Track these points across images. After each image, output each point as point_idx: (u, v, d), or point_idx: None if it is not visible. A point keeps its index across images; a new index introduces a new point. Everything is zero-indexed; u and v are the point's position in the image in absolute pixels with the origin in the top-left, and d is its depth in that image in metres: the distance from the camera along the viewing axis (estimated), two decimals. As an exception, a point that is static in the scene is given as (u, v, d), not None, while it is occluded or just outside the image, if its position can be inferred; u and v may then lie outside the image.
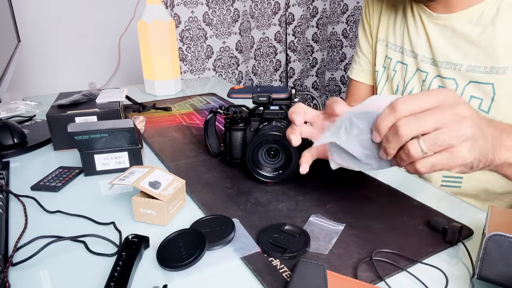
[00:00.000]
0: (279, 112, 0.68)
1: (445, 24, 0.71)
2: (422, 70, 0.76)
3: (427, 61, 0.75)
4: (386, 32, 0.85)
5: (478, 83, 0.68)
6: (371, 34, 0.90)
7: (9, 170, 0.73)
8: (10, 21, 1.09)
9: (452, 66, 0.71)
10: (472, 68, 0.68)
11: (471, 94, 0.69)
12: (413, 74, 0.79)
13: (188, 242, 0.49)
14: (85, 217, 0.58)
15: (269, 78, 2.12)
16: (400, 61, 0.81)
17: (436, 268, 0.46)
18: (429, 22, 0.74)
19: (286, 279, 0.45)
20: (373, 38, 0.89)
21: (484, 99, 0.68)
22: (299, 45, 2.15)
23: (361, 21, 0.93)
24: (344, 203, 0.60)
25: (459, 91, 0.70)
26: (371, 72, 0.92)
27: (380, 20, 0.86)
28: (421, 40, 0.76)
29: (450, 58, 0.71)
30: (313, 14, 2.19)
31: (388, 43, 0.84)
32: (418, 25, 0.77)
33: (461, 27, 0.69)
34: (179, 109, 1.07)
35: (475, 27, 0.67)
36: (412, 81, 0.79)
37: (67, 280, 0.46)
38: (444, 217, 0.56)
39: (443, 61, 0.72)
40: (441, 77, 0.73)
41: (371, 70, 0.92)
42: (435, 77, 0.75)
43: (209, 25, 1.78)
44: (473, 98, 0.69)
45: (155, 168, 0.60)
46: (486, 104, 0.67)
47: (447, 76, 0.72)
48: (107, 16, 1.56)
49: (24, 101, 1.06)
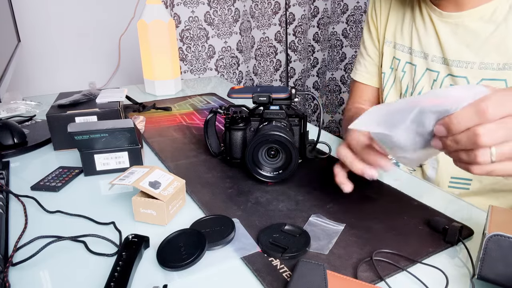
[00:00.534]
0: (279, 112, 0.68)
1: (456, 22, 0.71)
2: (432, 69, 0.77)
3: (438, 60, 0.75)
4: (393, 33, 0.85)
5: (490, 80, 0.68)
6: (378, 35, 0.90)
7: (9, 170, 0.73)
8: (10, 21, 1.09)
9: (464, 64, 0.71)
10: (484, 66, 0.69)
11: None
12: (422, 74, 0.79)
13: (188, 242, 0.49)
14: (85, 217, 0.58)
15: (269, 78, 2.12)
16: (409, 62, 0.81)
17: (437, 268, 0.46)
18: (439, 21, 0.74)
19: (286, 279, 0.45)
20: (380, 39, 0.89)
21: None
22: (300, 45, 2.15)
23: (367, 23, 0.93)
24: (344, 203, 0.60)
25: None
26: (376, 74, 0.92)
27: (387, 21, 0.86)
28: (430, 39, 0.76)
29: (462, 57, 0.71)
30: (314, 14, 2.19)
31: (396, 44, 0.84)
32: (427, 25, 0.77)
33: (473, 25, 0.69)
34: (179, 109, 1.07)
35: (487, 24, 0.68)
36: (422, 82, 0.79)
37: (67, 280, 0.46)
38: (444, 217, 0.56)
39: (455, 60, 0.72)
40: (452, 76, 0.73)
41: (377, 72, 0.92)
42: (446, 76, 0.75)
43: (211, 24, 1.78)
44: None
45: (155, 168, 0.60)
46: None
47: (458, 74, 0.72)
48: (107, 16, 1.56)
49: (24, 101, 1.06)
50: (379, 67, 0.90)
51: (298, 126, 0.70)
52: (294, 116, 0.70)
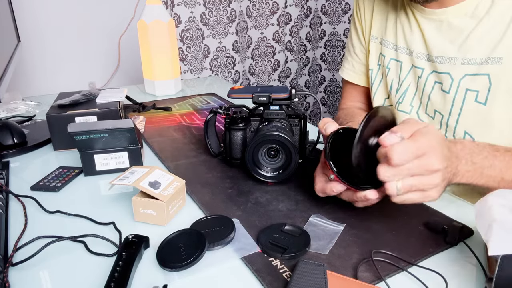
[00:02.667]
0: (279, 112, 0.67)
1: (440, 19, 0.71)
2: (417, 66, 0.77)
3: (423, 57, 0.75)
4: (379, 30, 0.85)
5: (473, 75, 0.68)
6: (363, 33, 0.89)
7: (9, 170, 0.73)
8: (10, 21, 1.09)
9: (447, 60, 0.71)
10: (467, 61, 0.69)
11: (466, 87, 0.69)
12: (408, 71, 0.79)
13: (188, 242, 0.49)
14: (85, 217, 0.58)
15: (267, 77, 2.12)
16: (394, 59, 0.81)
17: (435, 272, 0.46)
18: (423, 18, 0.74)
19: (286, 279, 0.45)
20: (366, 37, 0.89)
21: (480, 91, 0.68)
22: (295, 45, 2.16)
23: (353, 21, 0.92)
24: (344, 203, 0.60)
25: (454, 85, 0.70)
26: (363, 73, 0.92)
27: (372, 18, 0.86)
28: (415, 36, 0.76)
29: (445, 52, 0.71)
30: (307, 13, 2.20)
31: (382, 40, 0.84)
32: (412, 22, 0.76)
33: (457, 21, 0.69)
34: (179, 109, 1.07)
35: (471, 19, 0.68)
36: (408, 79, 0.79)
37: (67, 280, 0.46)
38: (444, 217, 0.56)
39: (438, 56, 0.72)
40: (437, 73, 0.73)
41: (364, 71, 0.91)
42: (430, 73, 0.74)
43: (206, 25, 1.79)
44: (469, 91, 0.69)
45: (155, 168, 0.60)
46: (483, 96, 0.68)
47: (442, 70, 0.72)
48: (107, 16, 1.56)
49: (24, 101, 1.06)
50: (366, 65, 0.90)
51: (298, 126, 0.70)
52: (294, 116, 0.70)
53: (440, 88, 0.73)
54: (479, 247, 0.50)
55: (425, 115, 0.77)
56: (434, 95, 0.74)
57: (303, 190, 0.64)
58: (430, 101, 0.75)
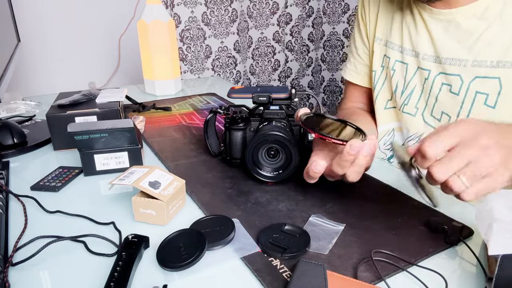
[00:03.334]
0: (279, 112, 0.67)
1: (448, 19, 0.71)
2: (423, 68, 0.76)
3: (429, 58, 0.75)
4: (384, 31, 0.84)
5: (484, 78, 0.68)
6: (367, 34, 0.89)
7: (9, 170, 0.73)
8: (10, 21, 1.09)
9: (457, 62, 0.70)
10: (478, 63, 0.68)
11: (476, 89, 0.69)
12: (414, 73, 0.78)
13: (188, 242, 0.49)
14: (85, 217, 0.58)
15: (267, 77, 2.12)
16: (400, 60, 0.81)
17: (435, 271, 0.46)
18: (431, 18, 0.73)
19: (286, 279, 0.45)
20: (370, 38, 0.88)
21: (490, 94, 0.67)
22: (296, 45, 2.16)
23: (357, 22, 0.92)
24: (344, 203, 0.60)
25: (464, 87, 0.70)
26: (366, 74, 0.91)
27: (377, 19, 0.85)
28: (422, 37, 0.75)
29: (455, 54, 0.71)
30: (309, 14, 2.19)
31: (387, 42, 0.83)
32: (418, 23, 0.76)
33: (466, 22, 0.69)
34: (179, 109, 1.07)
35: (480, 21, 0.67)
36: (414, 80, 0.78)
37: (67, 280, 0.46)
38: (444, 217, 0.56)
39: (448, 57, 0.71)
40: (445, 74, 0.72)
41: (367, 72, 0.91)
42: (438, 74, 0.74)
43: (208, 25, 1.79)
44: (479, 93, 0.69)
45: (155, 168, 0.60)
46: (492, 99, 0.67)
47: (451, 72, 0.71)
48: (107, 16, 1.56)
49: (24, 101, 1.06)
50: (370, 66, 0.89)
51: (298, 126, 0.70)
52: (294, 116, 0.70)
53: (449, 89, 0.72)
54: (479, 247, 0.50)
55: (430, 117, 0.77)
56: (442, 97, 0.74)
57: (303, 190, 0.64)
58: (438, 103, 0.75)
